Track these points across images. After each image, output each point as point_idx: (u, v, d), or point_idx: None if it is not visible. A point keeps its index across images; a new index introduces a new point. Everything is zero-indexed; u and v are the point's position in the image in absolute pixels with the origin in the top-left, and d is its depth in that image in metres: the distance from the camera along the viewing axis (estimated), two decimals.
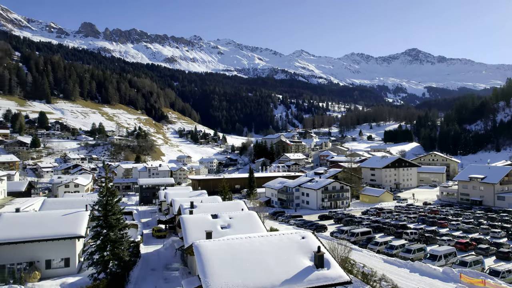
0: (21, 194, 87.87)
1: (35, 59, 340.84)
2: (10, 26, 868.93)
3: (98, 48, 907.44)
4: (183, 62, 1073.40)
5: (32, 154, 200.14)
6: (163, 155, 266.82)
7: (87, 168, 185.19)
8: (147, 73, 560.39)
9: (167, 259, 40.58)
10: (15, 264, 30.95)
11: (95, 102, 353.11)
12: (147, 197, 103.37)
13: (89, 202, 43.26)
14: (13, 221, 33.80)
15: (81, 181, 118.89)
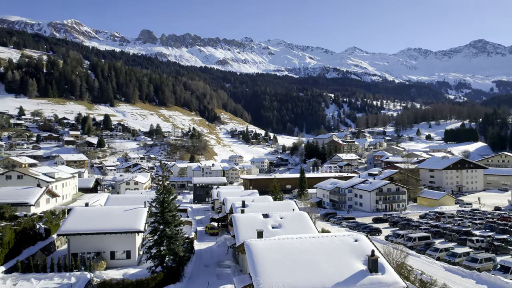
0: (89, 190, 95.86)
1: (101, 66, 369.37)
2: (82, 37, 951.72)
3: (155, 53, 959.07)
4: (235, 63, 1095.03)
5: (98, 153, 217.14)
6: (215, 154, 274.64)
7: (146, 167, 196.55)
8: (201, 76, 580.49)
9: (220, 256, 41.69)
10: (85, 253, 33.91)
11: (152, 105, 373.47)
12: (201, 195, 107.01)
13: (147, 199, 45.87)
14: (83, 214, 37.03)
15: (140, 179, 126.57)
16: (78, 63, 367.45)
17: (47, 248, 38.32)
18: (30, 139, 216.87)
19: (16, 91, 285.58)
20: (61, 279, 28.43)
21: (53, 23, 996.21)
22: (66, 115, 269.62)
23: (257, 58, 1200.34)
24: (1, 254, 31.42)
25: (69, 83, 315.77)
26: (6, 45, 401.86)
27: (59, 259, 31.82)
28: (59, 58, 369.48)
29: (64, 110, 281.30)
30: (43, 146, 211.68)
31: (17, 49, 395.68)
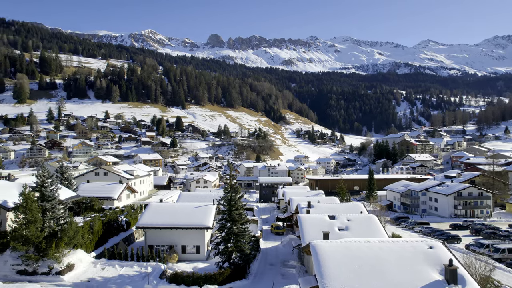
0: (163, 187, 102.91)
1: (173, 71, 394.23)
2: (156, 45, 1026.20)
3: (222, 56, 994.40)
4: (300, 63, 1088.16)
5: (171, 153, 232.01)
6: (281, 154, 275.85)
7: (214, 166, 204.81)
8: (266, 77, 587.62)
9: (285, 255, 41.81)
10: (160, 245, 36.58)
11: (220, 106, 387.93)
12: (266, 194, 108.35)
13: (215, 197, 47.75)
14: (158, 210, 39.96)
15: (209, 178, 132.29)
16: (153, 69, 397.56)
17: (127, 239, 42.11)
18: (113, 139, 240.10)
19: (103, 97, 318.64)
20: (139, 267, 31.04)
21: (132, 34, 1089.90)
22: (143, 117, 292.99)
23: (322, 57, 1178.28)
24: (92, 242, 35.37)
25: (146, 88, 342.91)
26: (96, 56, 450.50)
27: (138, 249, 34.81)
28: (137, 66, 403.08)
29: (141, 113, 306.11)
30: (124, 146, 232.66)
31: (104, 60, 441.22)
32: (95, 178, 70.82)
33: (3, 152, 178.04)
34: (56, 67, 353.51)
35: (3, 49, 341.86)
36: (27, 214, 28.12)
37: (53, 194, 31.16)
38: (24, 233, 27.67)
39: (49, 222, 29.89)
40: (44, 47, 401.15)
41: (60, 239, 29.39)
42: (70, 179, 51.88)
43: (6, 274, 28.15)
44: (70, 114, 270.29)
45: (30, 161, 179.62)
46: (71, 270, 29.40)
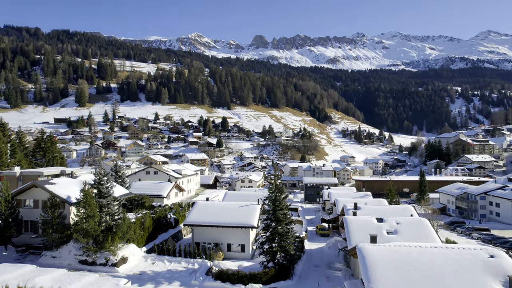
0: (209, 186, 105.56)
1: (219, 73, 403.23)
2: (203, 48, 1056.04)
3: (267, 57, 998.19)
4: (346, 61, 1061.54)
5: (217, 153, 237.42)
6: (326, 155, 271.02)
7: (259, 166, 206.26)
8: (311, 76, 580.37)
9: (330, 257, 41.04)
10: (206, 243, 37.61)
11: (265, 106, 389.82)
12: (311, 195, 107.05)
13: (260, 197, 48.09)
14: (204, 208, 41.11)
15: (254, 178, 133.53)
16: (200, 72, 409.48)
17: (176, 236, 43.77)
18: (163, 140, 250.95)
19: (153, 99, 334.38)
20: (187, 263, 32.14)
21: (180, 38, 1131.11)
22: (190, 118, 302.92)
23: (369, 54, 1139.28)
24: (144, 237, 37.26)
25: (193, 90, 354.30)
26: (146, 61, 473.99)
27: (185, 246, 36.07)
28: (185, 68, 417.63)
29: (189, 114, 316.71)
30: (173, 146, 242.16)
31: (154, 64, 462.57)
32: (146, 176, 74.40)
33: (67, 151, 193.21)
34: (111, 72, 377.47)
35: (68, 57, 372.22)
36: (87, 209, 30.34)
37: (109, 191, 33.29)
38: (85, 226, 29.90)
39: (105, 217, 31.99)
40: (101, 54, 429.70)
41: (115, 233, 31.34)
42: (123, 177, 54.96)
43: (70, 262, 30.62)
44: (123, 116, 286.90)
45: (89, 160, 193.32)
46: (125, 262, 31.20)
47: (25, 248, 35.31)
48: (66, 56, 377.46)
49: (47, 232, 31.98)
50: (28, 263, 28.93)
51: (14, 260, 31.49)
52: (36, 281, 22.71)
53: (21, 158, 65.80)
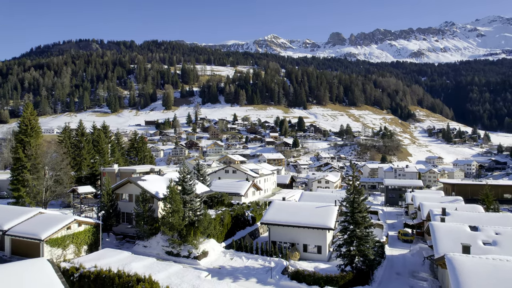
0: (285, 186, 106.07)
1: (295, 73, 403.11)
2: (279, 49, 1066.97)
3: (344, 54, 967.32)
4: (432, 54, 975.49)
5: (293, 153, 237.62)
6: (409, 155, 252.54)
7: (336, 166, 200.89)
8: (392, 72, 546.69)
9: (414, 266, 38.13)
10: (282, 242, 37.93)
11: (342, 105, 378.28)
12: (393, 198, 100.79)
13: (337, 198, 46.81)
14: (281, 207, 41.50)
15: (330, 178, 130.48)
16: (276, 73, 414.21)
17: (253, 233, 44.96)
18: (241, 140, 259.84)
19: (231, 101, 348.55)
20: (263, 261, 32.79)
21: (257, 41, 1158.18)
22: (267, 118, 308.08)
23: (460, 44, 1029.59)
24: (223, 233, 39.10)
25: (269, 91, 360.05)
26: (225, 64, 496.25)
27: (262, 244, 36.83)
28: (261, 70, 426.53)
29: (265, 114, 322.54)
30: (250, 146, 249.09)
31: (232, 67, 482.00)
32: (225, 175, 77.74)
33: (155, 151, 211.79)
34: (193, 77, 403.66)
35: (156, 65, 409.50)
36: (172, 204, 32.95)
37: (192, 188, 35.65)
38: (170, 220, 32.54)
39: (188, 212, 34.35)
40: (184, 60, 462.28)
41: (197, 228, 33.44)
42: (204, 176, 58.23)
43: (158, 252, 33.60)
44: (204, 118, 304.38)
45: (174, 159, 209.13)
46: (205, 256, 33.07)
47: (123, 237, 39.71)
48: (154, 64, 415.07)
49: (139, 224, 35.53)
50: (125, 250, 32.45)
51: (115, 246, 35.62)
52: (132, 266, 25.37)
53: (118, 157, 74.02)
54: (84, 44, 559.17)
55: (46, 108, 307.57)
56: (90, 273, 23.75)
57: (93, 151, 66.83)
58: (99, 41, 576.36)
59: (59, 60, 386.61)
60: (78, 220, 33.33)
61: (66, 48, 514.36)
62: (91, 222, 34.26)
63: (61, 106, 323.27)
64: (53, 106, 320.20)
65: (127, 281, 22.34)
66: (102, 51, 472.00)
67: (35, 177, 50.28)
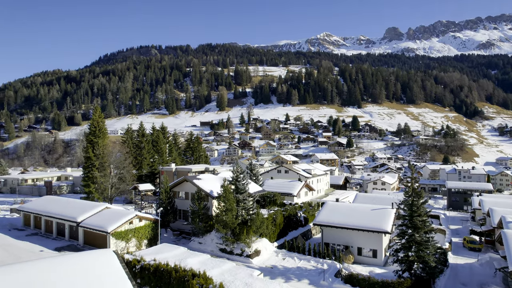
0: (339, 186, 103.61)
1: (348, 70, 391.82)
2: (331, 47, 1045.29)
3: (401, 49, 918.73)
4: (504, 44, 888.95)
5: (347, 153, 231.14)
6: (476, 156, 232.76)
7: (393, 167, 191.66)
8: (455, 66, 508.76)
9: (483, 277, 35.07)
10: (336, 244, 37.10)
11: (399, 103, 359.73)
12: (456, 202, 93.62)
13: (394, 201, 44.71)
14: (334, 208, 40.62)
15: (387, 180, 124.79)
16: (329, 71, 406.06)
17: (305, 234, 44.53)
18: (293, 140, 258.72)
19: (284, 101, 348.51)
20: (316, 263, 32.34)
21: (309, 40, 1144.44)
22: (320, 118, 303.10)
23: None
24: (275, 233, 39.27)
25: (322, 90, 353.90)
26: (277, 65, 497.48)
27: (314, 245, 36.34)
28: (314, 69, 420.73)
29: (318, 114, 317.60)
30: (302, 146, 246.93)
31: (284, 67, 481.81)
32: (277, 175, 77.96)
33: (210, 151, 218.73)
34: (246, 78, 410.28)
35: (210, 68, 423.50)
36: (226, 203, 33.83)
37: (245, 188, 36.28)
38: (224, 218, 33.44)
39: (241, 211, 35.01)
40: (237, 62, 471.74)
41: (250, 227, 33.95)
42: (257, 175, 58.91)
43: (212, 249, 34.70)
44: (257, 118, 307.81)
45: (227, 159, 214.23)
46: (258, 255, 33.45)
47: (179, 233, 41.60)
48: (209, 66, 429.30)
49: (194, 221, 36.99)
50: (181, 245, 34.00)
51: (172, 242, 37.45)
52: (187, 262, 26.50)
53: (176, 156, 77.66)
54: (144, 50, 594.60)
55: (111, 111, 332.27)
56: (150, 265, 25.23)
57: (152, 150, 70.85)
58: (158, 47, 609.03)
59: (122, 66, 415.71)
60: (139, 215, 35.63)
61: (129, 55, 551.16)
62: (150, 218, 36.42)
63: (124, 109, 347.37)
64: (117, 109, 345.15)
65: (183, 276, 23.37)
66: (160, 56, 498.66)
67: (102, 175, 54.66)
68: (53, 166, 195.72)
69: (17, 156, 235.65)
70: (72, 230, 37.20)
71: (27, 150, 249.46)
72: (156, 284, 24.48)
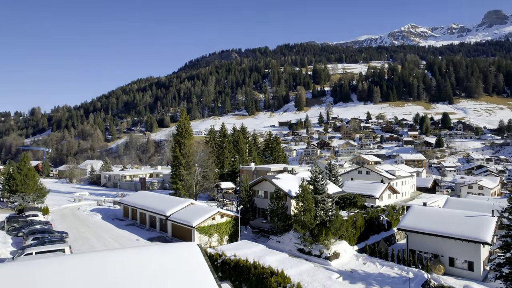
0: (426, 189, 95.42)
1: (437, 63, 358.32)
2: (417, 39, 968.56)
3: (505, 35, 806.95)
4: None
5: (436, 153, 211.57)
6: None
7: (493, 169, 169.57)
8: None
9: None
10: (423, 252, 34.23)
11: (502, 97, 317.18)
12: None
13: (496, 208, 39.62)
14: (421, 213, 37.55)
15: (485, 184, 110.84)
16: (414, 65, 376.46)
17: (388, 239, 42.02)
18: (375, 139, 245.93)
19: (364, 99, 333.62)
20: (400, 270, 30.26)
21: (392, 33, 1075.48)
22: (405, 116, 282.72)
23: None
24: (355, 236, 37.85)
25: (407, 86, 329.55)
26: (357, 61, 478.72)
27: (398, 251, 34.04)
28: (397, 64, 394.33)
29: (402, 111, 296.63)
30: (385, 146, 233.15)
31: (365, 63, 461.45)
32: (358, 176, 74.92)
33: (288, 151, 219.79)
34: (324, 77, 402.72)
35: (288, 68, 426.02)
36: (304, 203, 33.66)
37: (323, 188, 35.67)
38: (302, 218, 33.31)
39: (320, 212, 34.48)
40: (315, 61, 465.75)
41: (328, 228, 33.25)
42: (336, 176, 57.40)
43: (290, 249, 34.85)
44: (336, 117, 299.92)
45: (306, 159, 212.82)
46: (337, 258, 32.56)
47: (258, 230, 42.65)
48: (287, 66, 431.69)
49: (273, 220, 37.54)
50: (260, 243, 34.80)
51: (251, 239, 38.61)
52: (266, 259, 27.04)
53: (255, 156, 79.79)
54: (225, 55, 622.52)
55: (196, 113, 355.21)
56: (231, 261, 26.35)
57: (233, 150, 73.87)
58: (238, 50, 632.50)
59: (205, 70, 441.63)
60: (221, 212, 37.47)
61: (211, 60, 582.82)
62: (231, 215, 38.03)
63: (207, 111, 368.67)
64: (201, 111, 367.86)
65: (261, 273, 23.91)
66: (240, 59, 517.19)
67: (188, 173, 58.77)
68: (146, 164, 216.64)
69: (118, 155, 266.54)
70: (162, 223, 40.75)
71: (126, 150, 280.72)
72: (236, 279, 25.48)
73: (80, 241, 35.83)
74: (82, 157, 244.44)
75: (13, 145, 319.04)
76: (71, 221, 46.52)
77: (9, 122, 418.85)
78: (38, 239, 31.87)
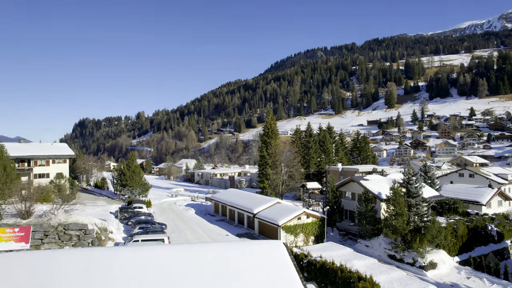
0: None
1: None
2: None
3: None
4: None
5: None
6: None
7: None
8: None
9: None
10: None
11: None
12: None
13: None
14: None
15: None
16: None
17: (499, 253, 36.88)
18: (480, 138, 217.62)
19: (467, 93, 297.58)
20: None
21: (504, 15, 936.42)
22: None
23: None
24: (456, 246, 34.16)
25: None
26: (458, 52, 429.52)
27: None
28: (510, 51, 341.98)
29: None
30: (494, 145, 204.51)
31: (467, 53, 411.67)
32: (459, 179, 67.37)
33: (378, 151, 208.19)
34: (418, 71, 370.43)
35: (377, 63, 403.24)
36: (396, 207, 31.53)
37: (417, 192, 32.96)
38: (393, 223, 31.25)
39: (413, 217, 31.95)
40: (407, 54, 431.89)
41: (423, 235, 30.57)
42: (433, 179, 52.52)
43: (380, 254, 33.01)
44: (432, 114, 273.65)
45: (397, 159, 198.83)
46: (433, 268, 29.76)
47: (345, 233, 41.39)
48: (376, 62, 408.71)
49: (361, 223, 36.01)
50: (347, 246, 33.71)
51: (337, 241, 37.65)
52: (353, 263, 26.11)
53: (342, 156, 77.48)
54: (311, 54, 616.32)
55: (282, 113, 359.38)
56: (316, 262, 26.09)
57: (319, 150, 72.88)
58: (323, 49, 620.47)
59: (291, 71, 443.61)
60: (307, 212, 37.34)
61: (296, 60, 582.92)
62: (317, 216, 37.63)
63: (293, 111, 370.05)
64: (287, 111, 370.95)
65: (348, 277, 23.16)
66: (326, 57, 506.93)
67: (274, 172, 59.89)
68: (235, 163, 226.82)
69: (209, 154, 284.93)
70: (249, 220, 42.30)
71: (216, 149, 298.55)
72: (321, 280, 25.14)
73: (176, 233, 39.32)
74: (178, 156, 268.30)
75: (123, 145, 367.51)
76: (169, 214, 51.37)
77: (121, 125, 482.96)
78: (143, 228, 36.06)
